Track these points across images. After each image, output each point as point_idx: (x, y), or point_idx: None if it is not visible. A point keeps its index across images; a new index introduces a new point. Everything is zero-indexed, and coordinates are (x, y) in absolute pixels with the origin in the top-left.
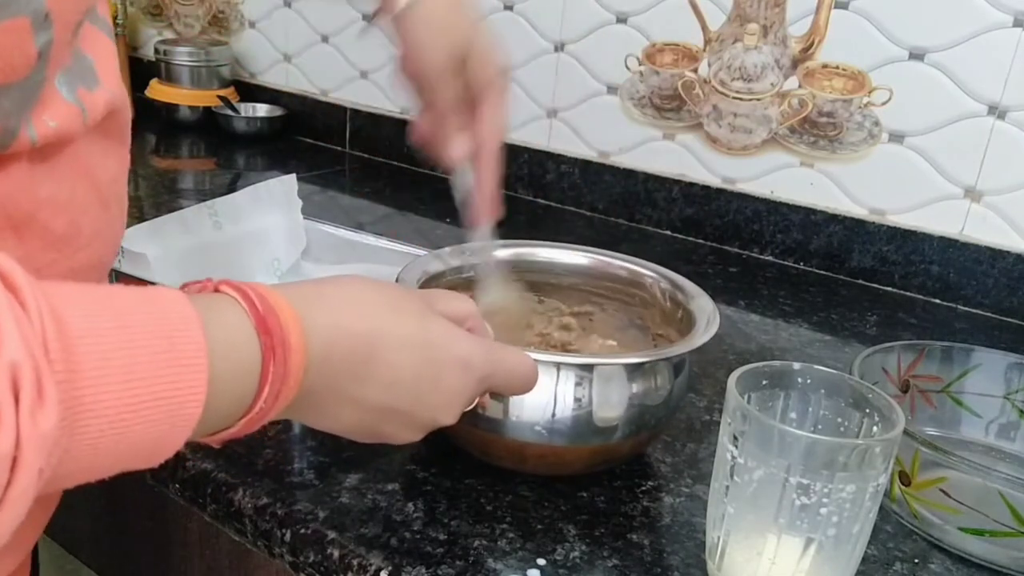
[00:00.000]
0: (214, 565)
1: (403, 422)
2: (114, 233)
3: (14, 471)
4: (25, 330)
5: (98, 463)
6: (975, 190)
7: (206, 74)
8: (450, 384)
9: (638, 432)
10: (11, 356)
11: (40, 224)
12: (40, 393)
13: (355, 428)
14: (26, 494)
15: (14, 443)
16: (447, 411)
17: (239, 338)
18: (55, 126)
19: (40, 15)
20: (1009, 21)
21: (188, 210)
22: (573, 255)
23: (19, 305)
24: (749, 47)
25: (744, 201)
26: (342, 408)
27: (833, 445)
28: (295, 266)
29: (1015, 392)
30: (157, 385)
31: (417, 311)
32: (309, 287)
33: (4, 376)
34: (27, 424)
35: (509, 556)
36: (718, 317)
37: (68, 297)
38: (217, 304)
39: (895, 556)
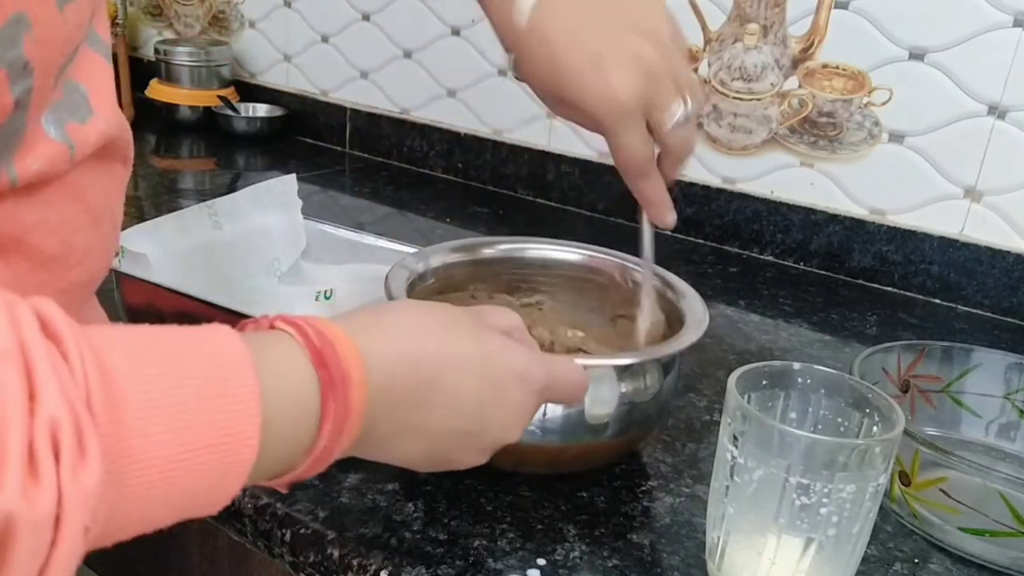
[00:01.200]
0: (214, 565)
1: (471, 446)
2: (106, 249)
3: (58, 531)
4: (66, 382)
5: (151, 515)
6: (975, 190)
7: (206, 74)
8: (513, 400)
9: (629, 430)
10: (50, 412)
11: (30, 246)
12: (82, 448)
13: (422, 457)
14: (73, 554)
15: (55, 502)
16: (513, 428)
17: (295, 375)
18: (38, 167)
19: (18, 65)
20: (1009, 21)
21: (188, 210)
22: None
23: (60, 354)
24: (749, 47)
25: (744, 201)
26: (407, 438)
27: (833, 445)
28: (295, 266)
29: (1015, 392)
30: (208, 432)
31: (471, 329)
32: (363, 316)
33: (43, 432)
34: (68, 482)
35: (509, 556)
36: (707, 316)
37: (113, 341)
38: (271, 341)
39: (895, 556)
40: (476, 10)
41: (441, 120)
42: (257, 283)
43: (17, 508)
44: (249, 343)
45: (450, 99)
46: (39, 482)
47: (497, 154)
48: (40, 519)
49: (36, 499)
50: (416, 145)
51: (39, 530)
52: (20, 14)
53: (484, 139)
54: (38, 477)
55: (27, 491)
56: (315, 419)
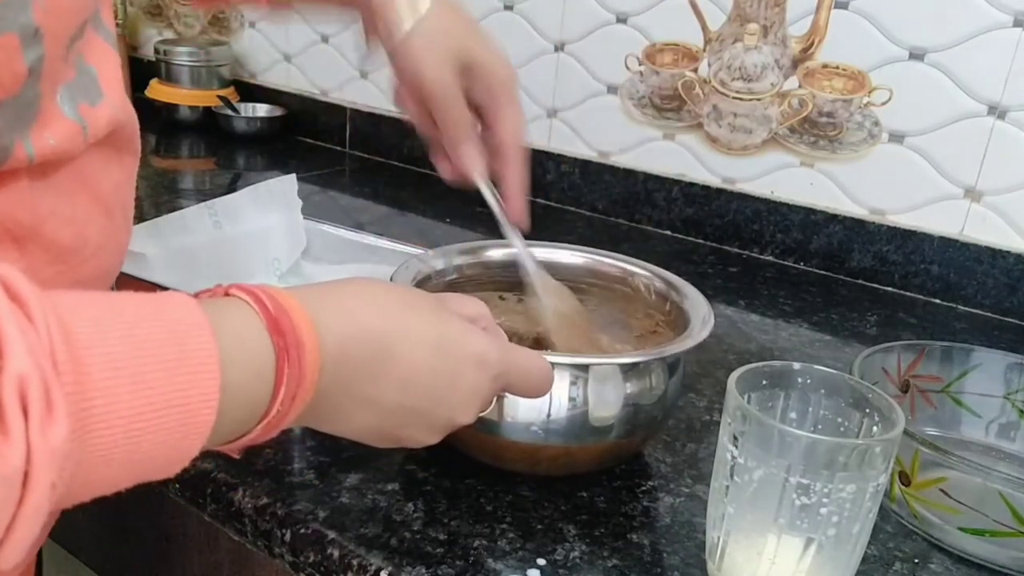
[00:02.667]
0: (214, 565)
1: (421, 423)
2: (119, 242)
3: (26, 487)
4: (32, 341)
5: (112, 475)
6: (975, 190)
7: (206, 74)
8: (467, 381)
9: (634, 432)
10: (18, 368)
11: (45, 237)
12: (49, 405)
13: (373, 431)
14: (40, 510)
15: (25, 458)
16: (465, 410)
17: (251, 340)
18: (55, 143)
19: (29, 31)
20: (1009, 21)
21: (188, 210)
22: (567, 255)
23: (24, 316)
24: (749, 47)
25: (744, 201)
26: (359, 410)
27: (833, 445)
28: (295, 266)
29: (1015, 392)
30: (169, 392)
31: (431, 308)
32: (320, 288)
33: (11, 389)
34: (37, 438)
35: (509, 556)
36: (712, 316)
37: (75, 306)
38: (227, 307)
39: (895, 556)
40: (476, 10)
41: None
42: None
43: None
44: (206, 308)
45: None
46: (8, 437)
47: None
48: (10, 474)
49: (6, 454)
50: (416, 145)
51: (8, 484)
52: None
53: None
54: (7, 432)
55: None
56: (270, 384)
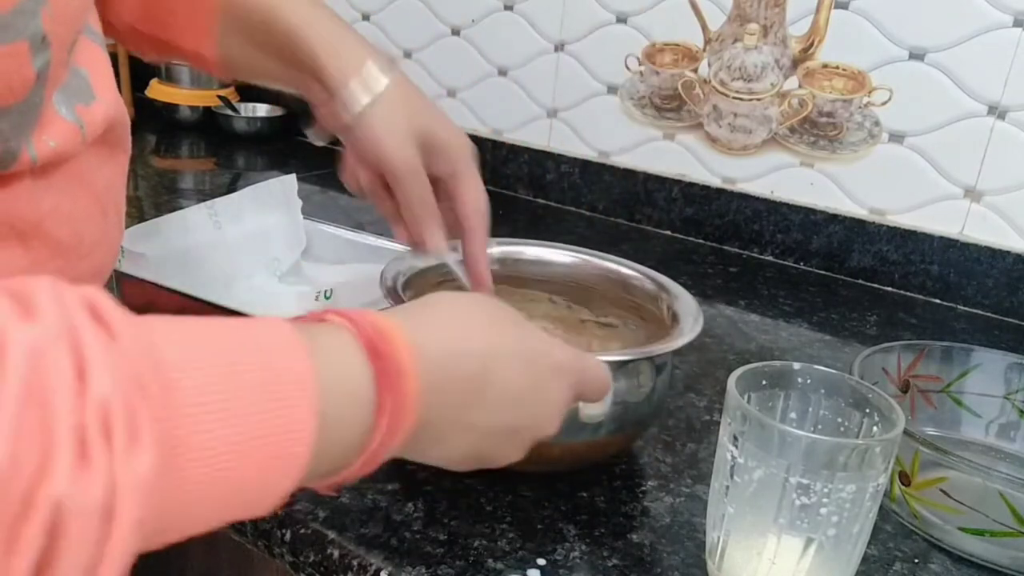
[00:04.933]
0: (214, 565)
1: (515, 441)
2: (112, 240)
3: (111, 523)
4: (117, 363)
5: (200, 511)
6: (975, 190)
7: (206, 74)
8: (552, 393)
9: (622, 429)
10: (101, 392)
11: (46, 234)
12: (135, 432)
13: (469, 456)
14: (126, 547)
15: (108, 488)
16: (551, 422)
17: (350, 367)
18: (55, 145)
19: (38, 38)
20: (1009, 21)
21: (188, 210)
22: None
23: (108, 336)
24: (749, 47)
25: (744, 201)
26: (458, 435)
27: (833, 445)
28: (295, 266)
29: (1015, 392)
30: (262, 423)
31: (514, 322)
32: (411, 310)
33: (94, 414)
34: (122, 466)
35: (509, 556)
36: (701, 316)
37: (164, 328)
38: (324, 332)
39: (895, 556)
40: (476, 10)
41: None
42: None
43: (67, 494)
44: (301, 331)
45: (450, 99)
46: (90, 466)
47: (497, 154)
48: (92, 506)
49: (87, 484)
50: None
51: (91, 519)
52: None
53: (484, 139)
54: (89, 461)
55: (77, 476)
56: (370, 414)
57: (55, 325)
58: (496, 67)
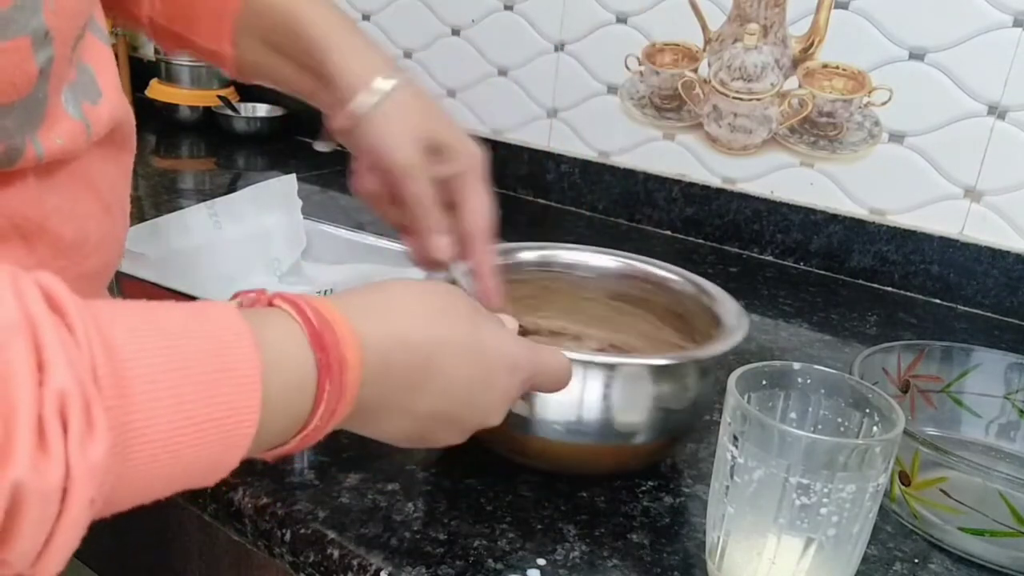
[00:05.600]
0: (214, 565)
1: (454, 427)
2: (117, 239)
3: (65, 502)
4: (72, 355)
5: (151, 487)
6: (975, 190)
7: (206, 74)
8: (500, 386)
9: (660, 436)
10: (59, 384)
11: (50, 232)
12: (89, 421)
13: (404, 436)
14: (78, 524)
15: (64, 474)
16: (496, 413)
17: (293, 354)
18: (62, 143)
19: (40, 33)
20: (1009, 21)
21: (188, 210)
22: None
23: (66, 328)
24: (749, 47)
25: (744, 201)
26: (394, 418)
27: (833, 445)
28: (295, 266)
29: (1015, 392)
30: (210, 406)
31: (467, 315)
32: (360, 297)
33: (52, 405)
34: (77, 454)
35: (509, 556)
36: (746, 319)
37: (115, 317)
38: (271, 319)
39: (895, 556)
40: (476, 10)
41: None
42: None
43: (27, 478)
44: (248, 319)
45: (450, 99)
46: (48, 454)
47: (497, 154)
48: (49, 490)
49: (45, 470)
50: None
51: (47, 500)
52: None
53: (484, 139)
54: (47, 449)
55: (36, 462)
56: (310, 398)
57: (15, 317)
58: (496, 67)
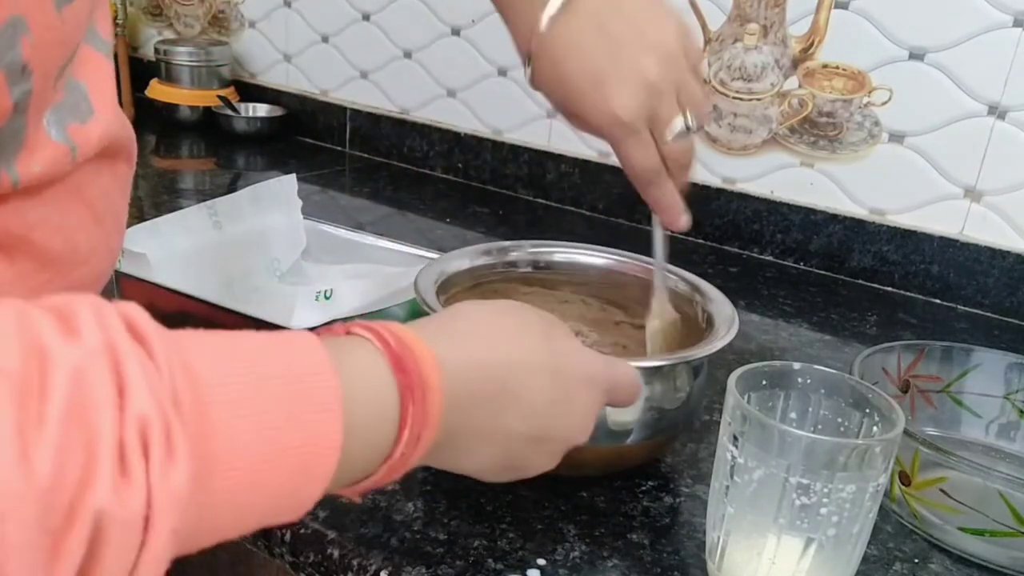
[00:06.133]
0: (214, 565)
1: (543, 450)
2: (110, 248)
3: (147, 532)
4: (153, 381)
5: (234, 520)
6: (975, 190)
7: (206, 74)
8: (581, 402)
9: (653, 436)
10: (139, 409)
11: (35, 245)
12: (171, 447)
13: (497, 465)
14: (161, 556)
15: (145, 502)
16: (582, 430)
17: (375, 380)
18: (40, 170)
19: (15, 68)
20: (1009, 21)
21: (188, 210)
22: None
23: (147, 354)
24: (749, 47)
25: (744, 201)
26: (483, 445)
27: (833, 445)
28: (295, 266)
29: (1015, 392)
30: (292, 435)
31: (542, 332)
32: (437, 321)
33: (132, 430)
34: (158, 480)
35: (509, 556)
36: (737, 318)
37: (197, 345)
38: (349, 345)
39: (895, 556)
40: (476, 10)
41: (441, 120)
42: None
43: (108, 506)
44: (327, 345)
45: (450, 99)
46: (129, 480)
47: (497, 154)
48: (130, 518)
49: (127, 496)
50: (416, 145)
51: (130, 529)
52: (17, 17)
53: (484, 139)
54: (128, 475)
55: (118, 489)
56: (394, 425)
57: (96, 344)
58: (496, 67)
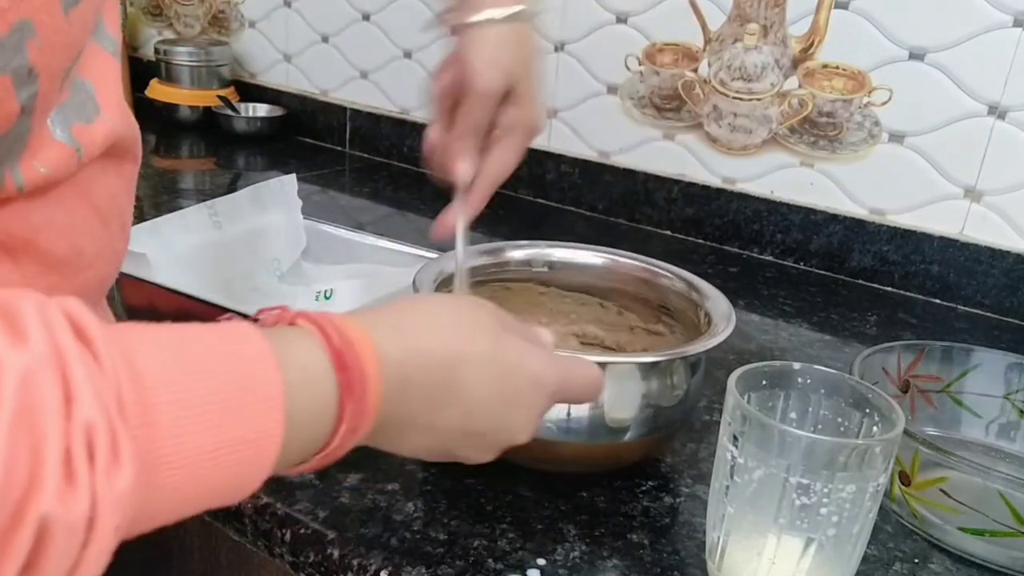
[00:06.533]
0: (214, 565)
1: (480, 444)
2: (115, 251)
3: (91, 532)
4: (99, 385)
5: (175, 509)
6: (975, 190)
7: (206, 74)
8: (526, 403)
9: (651, 433)
10: (86, 416)
11: (39, 248)
12: (116, 452)
13: (429, 452)
14: (103, 552)
15: (90, 505)
16: (523, 431)
17: (316, 375)
18: (45, 171)
19: (22, 72)
20: (1009, 21)
21: (188, 210)
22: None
23: (92, 356)
24: (749, 47)
25: (744, 201)
26: (419, 435)
27: (833, 445)
28: (295, 266)
29: (1015, 392)
30: (236, 430)
31: (490, 330)
32: (384, 313)
33: (79, 437)
34: (103, 485)
35: (509, 556)
36: (734, 315)
37: (142, 343)
38: (292, 339)
39: (895, 556)
40: None
41: None
42: (257, 283)
43: (54, 510)
44: (270, 339)
45: None
46: (75, 485)
47: None
48: (75, 521)
49: (71, 502)
50: (416, 145)
51: (73, 531)
52: (25, 21)
53: None
54: (74, 481)
55: (63, 494)
56: (332, 418)
57: (43, 349)
58: None
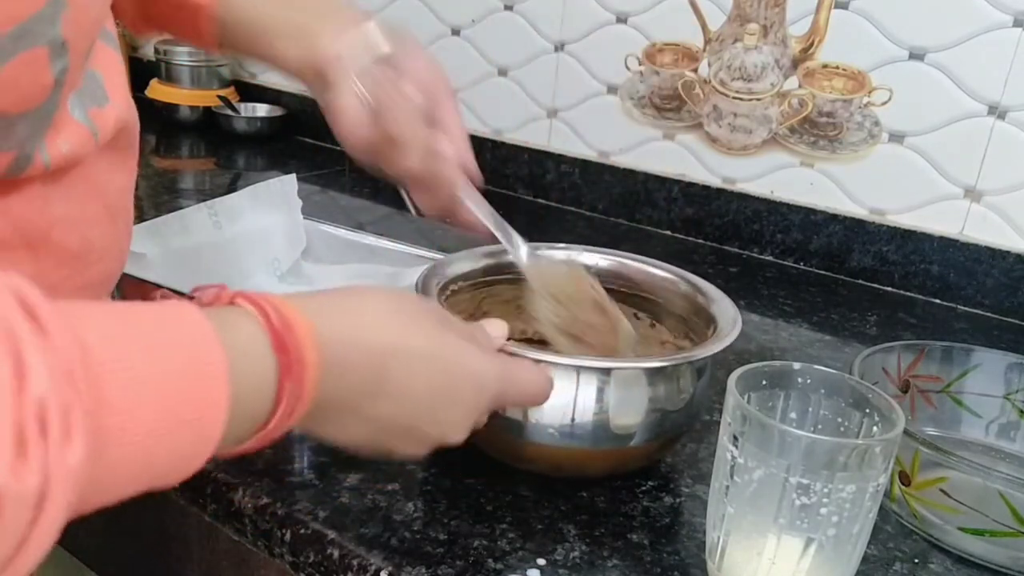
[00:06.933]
0: (214, 565)
1: (412, 438)
2: (121, 248)
3: (43, 507)
4: (51, 361)
5: (123, 487)
6: (975, 190)
7: (206, 74)
8: (463, 402)
9: (657, 438)
10: (39, 391)
11: (54, 242)
12: (68, 427)
13: (362, 442)
14: (54, 527)
15: (42, 480)
16: (458, 429)
17: (256, 356)
18: (68, 149)
19: (57, 43)
20: (1009, 21)
21: (188, 210)
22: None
23: (41, 332)
24: (749, 47)
25: (744, 201)
26: (352, 423)
27: (833, 445)
28: (295, 266)
29: (1015, 392)
30: (183, 409)
31: (432, 325)
32: (326, 299)
33: (31, 412)
34: (56, 460)
35: (509, 556)
36: (740, 318)
37: (89, 320)
38: (233, 319)
39: (895, 556)
40: (476, 10)
41: None
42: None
43: (5, 485)
44: (212, 319)
45: None
46: (27, 460)
47: (497, 154)
48: (27, 495)
49: (24, 476)
50: None
51: (24, 505)
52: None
53: (484, 139)
54: (26, 455)
55: (16, 469)
56: (271, 399)
57: None
58: (496, 67)
